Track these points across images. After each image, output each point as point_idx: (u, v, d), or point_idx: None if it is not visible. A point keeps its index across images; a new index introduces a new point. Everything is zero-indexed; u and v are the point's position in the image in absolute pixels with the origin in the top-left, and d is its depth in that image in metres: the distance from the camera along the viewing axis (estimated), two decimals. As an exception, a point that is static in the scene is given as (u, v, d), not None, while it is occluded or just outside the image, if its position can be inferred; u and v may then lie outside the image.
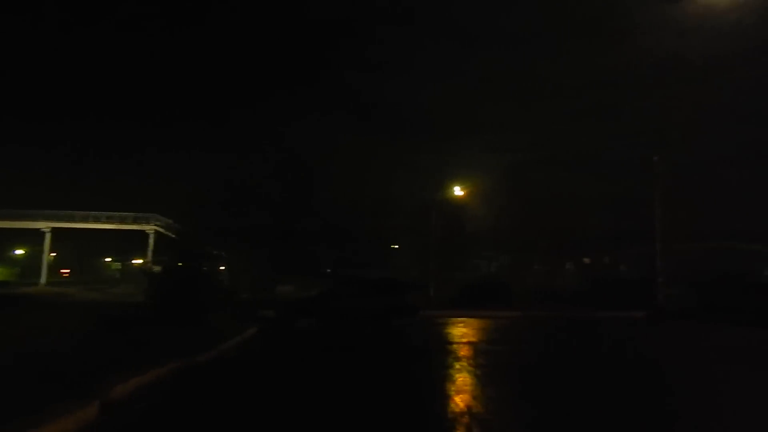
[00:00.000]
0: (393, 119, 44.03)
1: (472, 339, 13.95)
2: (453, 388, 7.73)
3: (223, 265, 33.01)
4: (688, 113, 35.66)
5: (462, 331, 15.68)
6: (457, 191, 29.79)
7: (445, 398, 7.09)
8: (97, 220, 44.91)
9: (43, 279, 44.07)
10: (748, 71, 34.38)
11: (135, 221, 44.91)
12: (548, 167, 38.40)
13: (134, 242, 46.16)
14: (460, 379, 8.40)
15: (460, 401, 6.76)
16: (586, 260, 41.71)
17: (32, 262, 49.85)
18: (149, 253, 42.42)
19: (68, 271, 59.08)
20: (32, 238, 47.40)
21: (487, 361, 10.39)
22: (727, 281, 22.24)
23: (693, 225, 29.60)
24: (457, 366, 9.50)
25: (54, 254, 50.68)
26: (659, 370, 9.72)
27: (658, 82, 38.23)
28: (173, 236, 43.74)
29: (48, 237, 44.89)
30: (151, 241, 43.75)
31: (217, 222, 31.02)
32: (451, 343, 13.20)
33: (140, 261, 44.45)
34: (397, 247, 41.45)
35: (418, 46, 43.48)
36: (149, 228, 44.29)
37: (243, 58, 38.38)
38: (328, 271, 39.39)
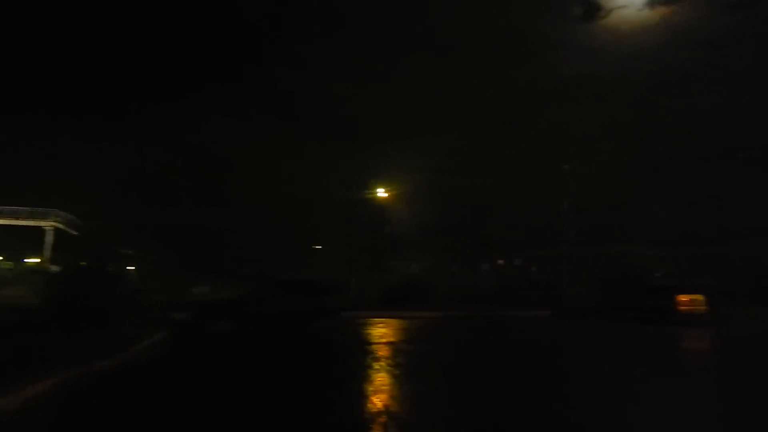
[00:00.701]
0: (320, 120, 43.73)
1: (392, 339, 14.11)
2: (371, 389, 7.75)
3: (131, 265, 31.06)
4: (595, 127, 38.48)
5: (382, 332, 15.81)
6: (381, 193, 30.13)
7: (362, 398, 7.08)
8: (-17, 214, 40.42)
9: None
10: (648, 91, 37.73)
11: (31, 216, 40.90)
12: (468, 173, 39.85)
13: (30, 240, 42.09)
14: (379, 379, 8.44)
15: (377, 401, 6.78)
16: (501, 262, 43.70)
17: None
18: (47, 252, 38.93)
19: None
20: None
21: (406, 360, 10.54)
22: (622, 282, 24.15)
23: (596, 230, 32.03)
24: (376, 366, 9.54)
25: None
26: (558, 364, 10.45)
27: (569, 97, 40.95)
28: (75, 233, 40.45)
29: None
30: (49, 238, 40.13)
31: (126, 219, 29.10)
32: (372, 343, 13.26)
33: (36, 260, 40.65)
34: (320, 247, 41.13)
35: (347, 48, 43.55)
36: (47, 224, 40.54)
37: (165, 50, 36.42)
38: (248, 272, 38.24)
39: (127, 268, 31.31)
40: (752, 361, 10.84)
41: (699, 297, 18.60)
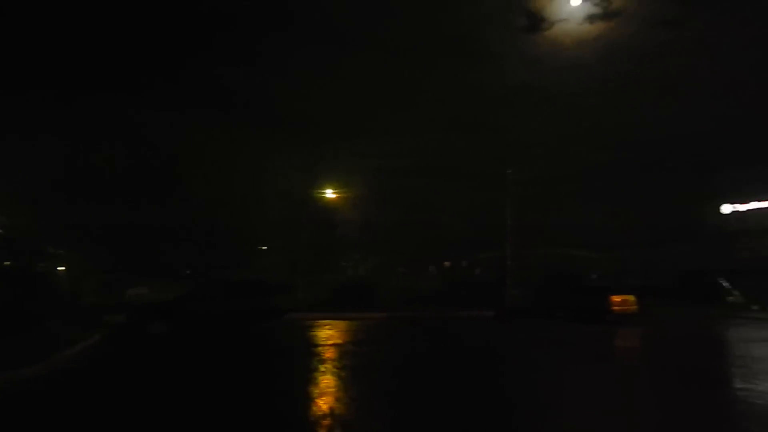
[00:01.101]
0: (268, 118, 42.85)
1: (339, 341, 14.07)
2: (316, 391, 7.70)
3: (62, 265, 29.34)
4: (538, 134, 39.96)
5: (329, 333, 15.73)
6: (330, 193, 29.97)
7: (307, 401, 7.03)
8: None
9: None
10: (587, 101, 39.59)
11: (-52, 212, 37.77)
12: (416, 174, 40.31)
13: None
14: (325, 381, 8.40)
15: (322, 404, 6.75)
16: (447, 263, 44.49)
17: None
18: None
19: None
20: None
21: (352, 362, 10.54)
22: (560, 283, 25.15)
23: (538, 233, 33.30)
24: (322, 368, 9.49)
25: None
26: (496, 362, 10.80)
27: (514, 104, 42.30)
28: (0, 232, 37.75)
29: None
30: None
31: (57, 216, 27.38)
32: (318, 345, 13.16)
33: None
34: (265, 248, 40.37)
35: (297, 45, 42.93)
36: (-32, 221, 37.62)
37: (103, 39, 34.44)
38: (188, 272, 36.95)
39: (58, 268, 29.55)
40: (675, 358, 11.61)
41: (630, 297, 19.66)
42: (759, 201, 42.96)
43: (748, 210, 43.94)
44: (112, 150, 30.09)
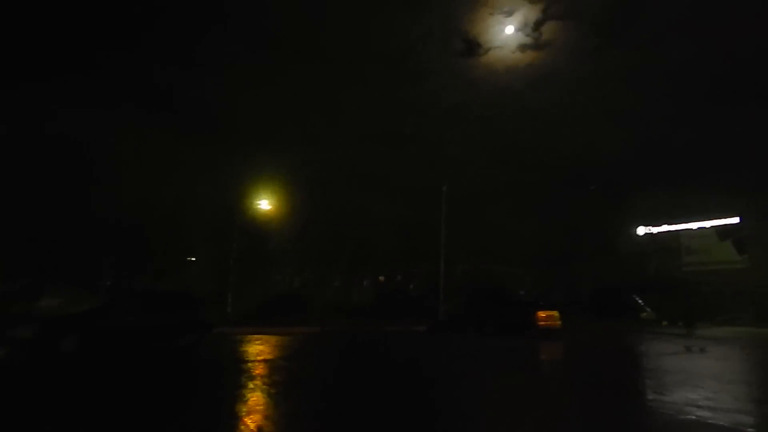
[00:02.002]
0: (200, 124, 41.40)
1: (269, 356, 13.67)
2: (244, 409, 7.41)
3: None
4: (470, 152, 41.40)
5: (259, 348, 15.26)
6: (263, 204, 29.32)
7: (234, 420, 6.75)
8: None
9: None
10: (517, 124, 41.59)
11: None
12: (351, 187, 40.36)
13: None
14: (253, 398, 8.10)
15: (250, 422, 6.50)
16: (381, 278, 44.71)
17: None
18: None
19: None
20: None
21: (283, 378, 10.26)
22: (489, 298, 25.95)
23: (470, 248, 34.25)
24: (251, 385, 9.16)
25: None
26: (425, 375, 10.88)
27: (448, 122, 43.62)
28: None
29: None
30: None
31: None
32: (246, 361, 12.72)
33: None
34: (194, 259, 38.71)
35: (232, 48, 41.97)
36: None
37: (29, 27, 31.90)
38: (108, 283, 34.68)
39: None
40: (593, 371, 12.24)
41: (555, 313, 20.62)
42: (669, 224, 46.74)
43: (659, 232, 47.67)
44: (29, 148, 27.87)
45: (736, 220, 42.30)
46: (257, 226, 32.03)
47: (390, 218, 37.11)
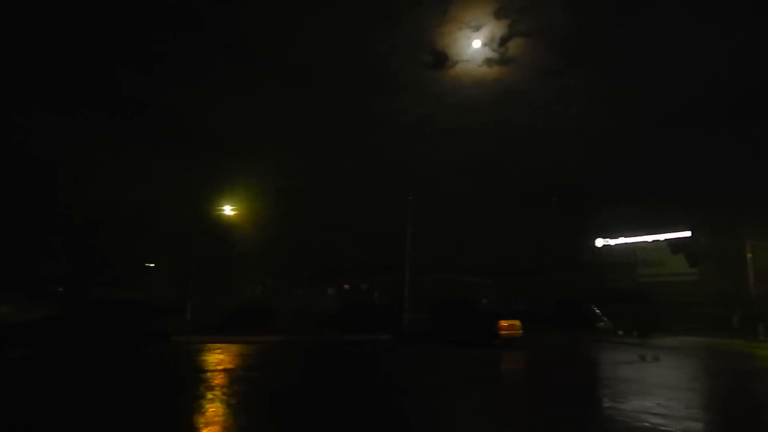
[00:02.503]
0: (166, 128, 40.41)
1: (230, 366, 13.37)
2: (202, 420, 7.22)
3: None
4: (436, 164, 41.94)
5: (219, 358, 14.90)
6: (228, 211, 28.81)
7: (192, 432, 6.56)
8: None
9: None
10: (482, 138, 42.44)
11: None
12: (317, 196, 40.17)
13: None
14: (212, 409, 7.91)
15: (209, 434, 6.34)
16: (346, 286, 44.48)
17: None
18: None
19: None
20: None
21: (243, 388, 10.05)
22: (453, 308, 26.17)
23: (435, 258, 34.52)
24: (210, 396, 8.93)
25: None
26: (387, 385, 10.86)
27: (415, 134, 44.12)
28: None
29: None
30: None
31: None
32: (206, 371, 12.40)
33: None
34: (152, 265, 37.59)
35: (202, 55, 41.30)
36: None
37: None
38: (61, 289, 33.25)
39: None
40: (553, 379, 12.49)
41: (516, 322, 20.94)
42: (625, 237, 48.41)
43: (616, 245, 49.29)
44: None
45: (687, 234, 44.17)
46: (221, 234, 31.42)
47: (357, 228, 37.07)
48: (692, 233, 43.83)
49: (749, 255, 31.56)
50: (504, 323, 20.45)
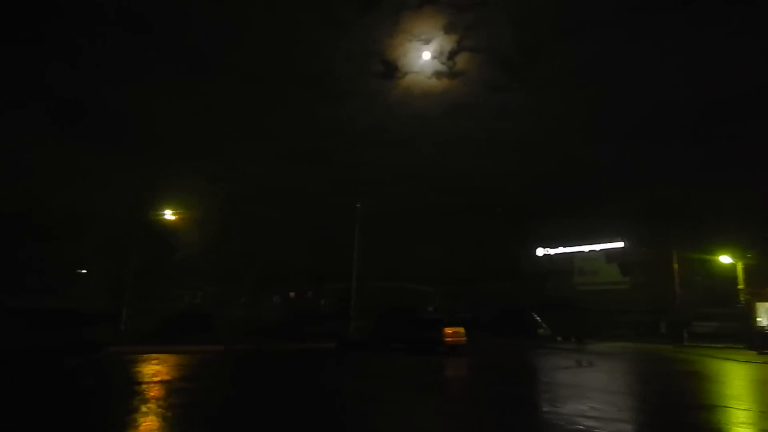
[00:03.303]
0: (104, 129, 38.48)
1: (167, 377, 12.79)
2: (135, 436, 6.85)
3: None
4: (384, 172, 42.23)
5: (156, 369, 14.23)
6: (169, 215, 27.68)
7: (123, 448, 6.21)
8: None
9: None
10: (429, 148, 43.20)
11: None
12: (264, 202, 39.50)
13: None
14: (146, 423, 7.52)
15: (142, 450, 6.01)
16: (292, 294, 43.78)
17: None
18: None
19: None
20: None
21: (180, 400, 9.64)
22: (398, 315, 26.30)
23: (381, 266, 34.60)
24: (144, 409, 8.50)
25: None
26: (328, 395, 10.76)
27: (364, 142, 44.30)
28: None
29: None
30: None
31: None
32: (141, 383, 11.79)
33: None
34: (85, 271, 35.53)
35: (148, 56, 39.73)
36: None
37: None
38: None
39: None
40: (494, 385, 12.77)
41: (461, 330, 21.30)
42: (564, 247, 50.46)
43: (555, 254, 51.29)
44: None
45: (621, 244, 46.62)
46: (161, 239, 30.14)
47: (303, 235, 36.65)
48: (625, 244, 46.30)
49: (675, 265, 33.64)
50: (449, 331, 20.75)
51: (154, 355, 17.30)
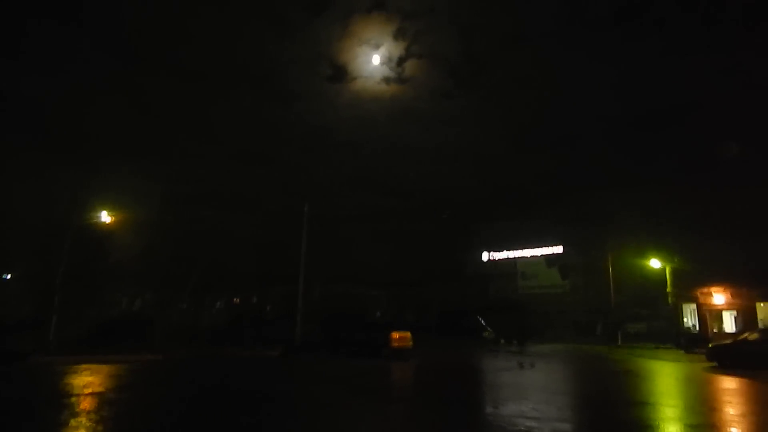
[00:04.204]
0: (31, 124, 36.07)
1: (99, 388, 12.07)
2: (61, 452, 6.40)
3: None
4: (331, 175, 42.01)
5: (87, 380, 13.41)
6: (103, 217, 26.24)
7: (47, 467, 5.78)
8: None
9: None
10: (376, 152, 43.39)
11: None
12: (207, 204, 38.31)
13: None
14: (74, 439, 7.05)
15: (68, 468, 5.62)
16: (236, 299, 42.63)
17: None
18: None
19: None
20: None
21: (114, 413, 9.11)
22: (345, 320, 26.20)
23: (327, 269, 34.32)
24: (74, 423, 7.97)
25: None
26: (270, 402, 10.47)
27: (311, 144, 43.95)
28: None
29: None
30: None
31: None
32: (71, 395, 11.07)
33: None
34: (8, 276, 33.10)
35: (82, 50, 37.66)
36: None
37: None
38: None
39: None
40: (440, 387, 12.91)
41: (407, 333, 21.43)
42: (508, 251, 51.95)
43: (499, 258, 52.70)
44: None
45: (560, 249, 48.54)
46: (94, 241, 28.49)
47: (247, 238, 35.73)
48: (564, 248, 48.23)
49: (610, 269, 35.35)
50: (396, 335, 20.83)
51: (85, 365, 16.32)
